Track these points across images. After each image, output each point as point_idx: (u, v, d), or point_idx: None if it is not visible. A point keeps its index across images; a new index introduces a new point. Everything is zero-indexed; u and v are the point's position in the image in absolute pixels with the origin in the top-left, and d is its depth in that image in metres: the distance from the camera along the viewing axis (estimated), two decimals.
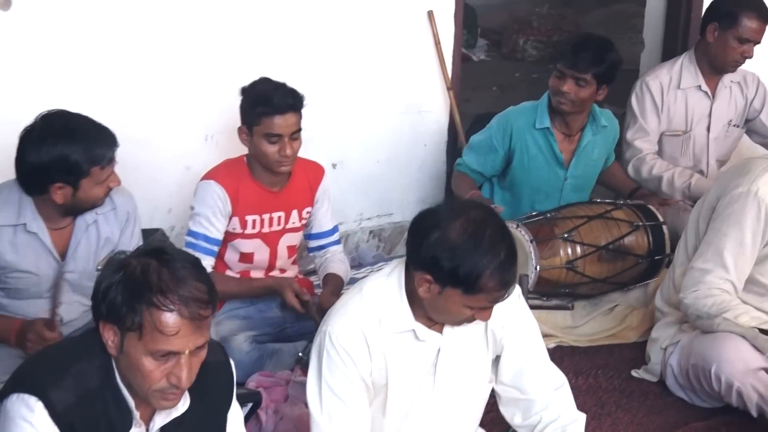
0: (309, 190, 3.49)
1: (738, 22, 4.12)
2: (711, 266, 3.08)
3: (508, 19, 8.70)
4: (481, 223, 2.28)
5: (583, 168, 3.97)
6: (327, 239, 3.58)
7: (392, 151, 4.42)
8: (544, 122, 3.85)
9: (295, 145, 3.28)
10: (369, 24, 4.21)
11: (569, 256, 3.70)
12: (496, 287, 2.26)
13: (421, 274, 2.30)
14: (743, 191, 3.06)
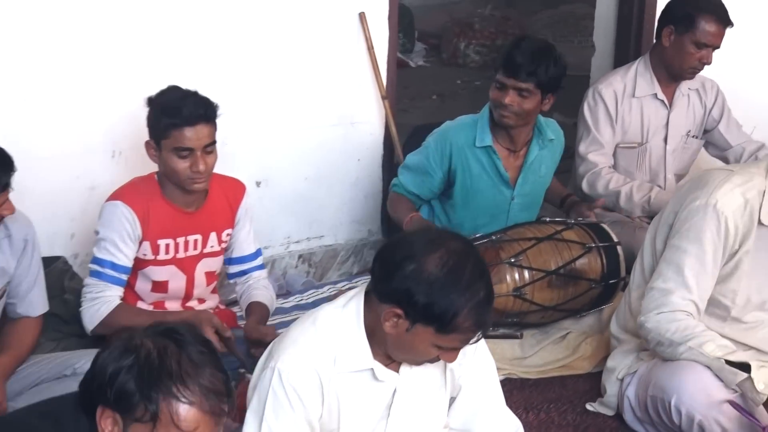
0: (229, 210, 3.46)
1: (695, 25, 4.14)
2: (672, 286, 3.09)
3: (448, 22, 8.73)
4: (461, 257, 2.28)
5: (531, 185, 3.97)
6: (249, 264, 3.55)
7: (322, 167, 4.42)
8: (486, 140, 3.84)
9: (209, 159, 3.23)
10: (294, 27, 4.21)
11: (516, 282, 3.70)
12: (471, 327, 2.26)
13: (389, 307, 2.29)
14: (701, 204, 3.08)
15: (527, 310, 3.74)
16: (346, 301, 2.41)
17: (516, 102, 3.71)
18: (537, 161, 3.94)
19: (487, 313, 2.27)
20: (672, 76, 4.33)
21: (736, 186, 3.09)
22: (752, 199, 3.08)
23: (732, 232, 3.07)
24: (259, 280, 3.55)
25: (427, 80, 7.88)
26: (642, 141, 4.39)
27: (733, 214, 3.07)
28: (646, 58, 4.39)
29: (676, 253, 3.09)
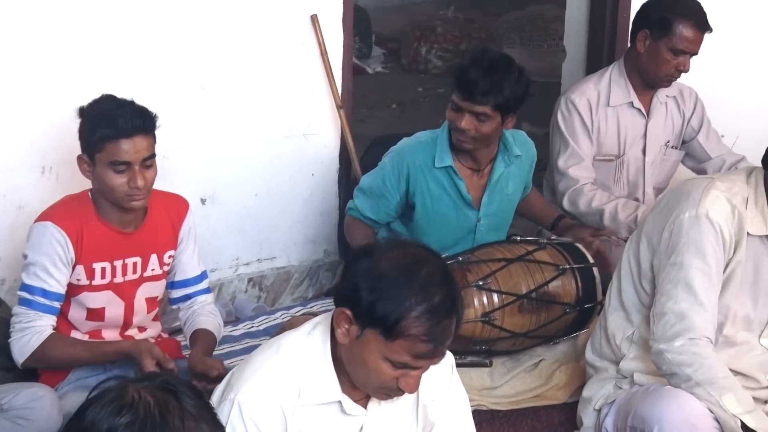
0: (171, 230, 3.44)
1: (672, 30, 4.16)
2: (686, 307, 3.08)
3: (408, 25, 8.75)
4: (419, 258, 2.27)
5: (498, 205, 3.97)
6: (194, 287, 3.53)
7: (273, 183, 4.41)
8: (445, 160, 3.83)
9: (148, 174, 3.20)
10: (241, 30, 4.20)
11: (485, 307, 3.69)
12: (421, 336, 2.21)
13: (341, 309, 2.28)
14: (691, 216, 3.09)
15: (497, 336, 3.73)
16: (311, 327, 2.39)
17: (473, 126, 3.69)
18: (503, 179, 3.93)
19: (440, 324, 2.21)
20: (647, 83, 4.36)
21: (722, 192, 3.12)
22: (739, 206, 3.11)
23: (728, 241, 3.10)
24: (205, 305, 3.52)
25: (385, 88, 7.89)
26: (619, 153, 4.41)
27: (725, 222, 3.09)
28: (620, 63, 4.42)
29: (680, 271, 3.09)
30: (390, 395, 2.35)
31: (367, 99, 7.13)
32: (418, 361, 2.25)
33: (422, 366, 2.27)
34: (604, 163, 4.41)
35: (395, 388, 2.30)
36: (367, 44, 8.46)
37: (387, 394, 2.34)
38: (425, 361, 2.26)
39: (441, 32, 8.63)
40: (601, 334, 3.41)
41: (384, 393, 2.34)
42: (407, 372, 2.27)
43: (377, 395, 2.37)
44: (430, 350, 2.23)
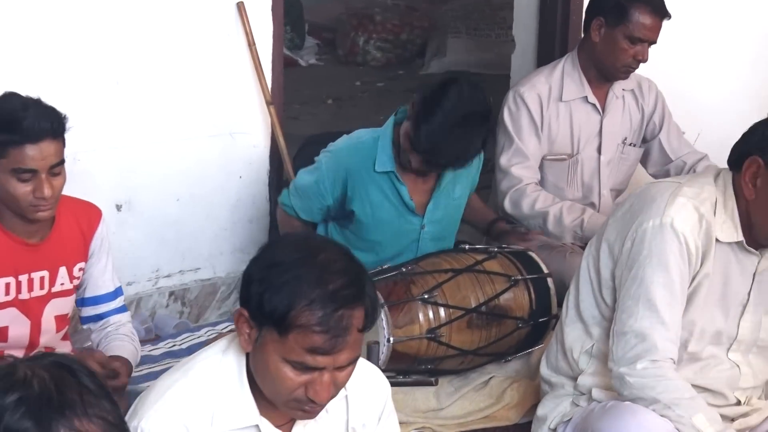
0: (81, 240, 3.40)
1: (628, 17, 4.18)
2: (647, 325, 3.08)
3: (344, 13, 8.79)
4: (319, 247, 2.26)
5: (444, 211, 3.97)
6: (107, 305, 3.49)
7: (197, 187, 4.40)
8: (386, 164, 3.84)
9: (55, 182, 3.16)
10: (159, 20, 4.18)
11: (431, 322, 3.69)
12: (312, 326, 2.16)
13: (239, 310, 2.27)
14: (654, 225, 3.08)
15: (443, 354, 3.74)
16: (227, 343, 2.35)
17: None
18: (450, 183, 3.95)
19: (338, 314, 2.16)
20: (603, 75, 4.37)
21: (689, 199, 3.11)
22: (707, 214, 3.10)
23: (693, 253, 3.09)
24: (120, 326, 3.48)
25: (320, 82, 7.92)
26: (572, 152, 4.42)
27: (691, 232, 3.08)
28: (574, 55, 4.43)
29: (641, 285, 3.09)
30: (305, 411, 2.29)
31: (300, 94, 7.14)
32: (316, 358, 2.19)
33: (324, 366, 2.21)
34: (556, 162, 4.42)
35: (306, 400, 2.25)
36: (300, 34, 8.47)
37: (300, 408, 2.29)
38: (324, 358, 2.20)
39: (380, 21, 8.67)
40: (557, 348, 3.42)
41: (297, 408, 2.29)
42: (313, 378, 2.22)
43: (292, 412, 2.32)
44: (326, 343, 2.18)
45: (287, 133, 4.47)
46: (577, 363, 3.31)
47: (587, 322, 3.30)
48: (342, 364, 2.21)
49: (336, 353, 2.19)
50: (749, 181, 3.05)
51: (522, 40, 5.33)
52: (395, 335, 3.62)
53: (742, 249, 3.14)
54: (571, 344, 3.31)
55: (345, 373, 2.25)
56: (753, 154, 3.04)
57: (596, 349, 3.27)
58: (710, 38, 5.39)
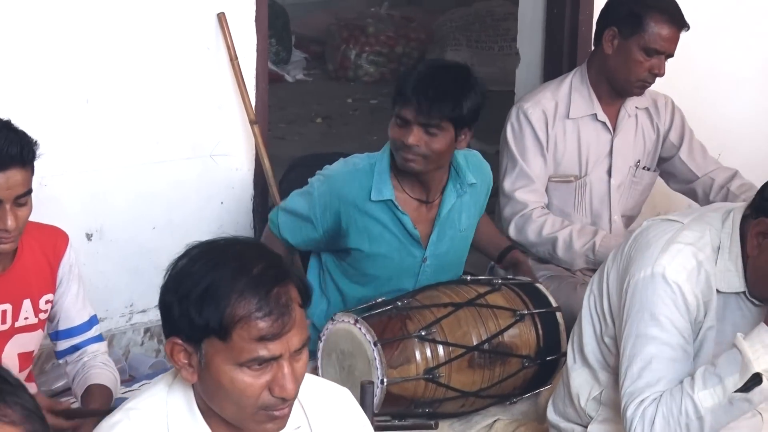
0: (47, 269, 3.41)
1: (643, 27, 4.19)
2: (642, 386, 3.05)
3: (334, 24, 8.81)
4: (221, 245, 2.28)
5: (449, 243, 3.95)
6: (82, 336, 3.51)
7: (174, 213, 4.41)
8: (385, 192, 3.81)
9: (21, 213, 3.18)
10: (134, 32, 4.20)
11: (428, 362, 3.66)
12: (253, 313, 2.18)
13: (170, 340, 2.27)
14: (646, 275, 3.07)
15: (443, 396, 3.71)
16: (171, 379, 2.36)
17: (423, 141, 3.68)
18: (455, 212, 3.92)
19: (272, 294, 2.19)
20: (616, 91, 4.37)
21: (686, 245, 3.09)
22: (706, 261, 3.08)
23: (693, 302, 3.06)
24: (97, 355, 3.50)
25: (308, 99, 7.92)
26: (580, 174, 4.42)
27: (687, 281, 3.06)
28: (583, 69, 4.43)
29: (635, 345, 3.08)
30: (276, 417, 2.29)
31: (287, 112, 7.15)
32: (268, 347, 2.20)
33: (280, 354, 2.22)
34: (562, 184, 4.42)
35: (274, 402, 2.25)
36: (286, 47, 8.49)
37: (271, 416, 2.29)
38: (276, 345, 2.21)
39: (373, 33, 8.68)
40: (564, 392, 3.41)
41: (267, 417, 2.29)
42: (274, 374, 2.23)
43: (262, 427, 2.31)
44: (272, 326, 2.19)
45: (273, 155, 4.47)
46: (584, 411, 3.31)
47: (593, 366, 3.30)
48: (296, 347, 2.23)
49: (286, 335, 2.21)
50: (755, 236, 3.03)
51: (527, 54, 5.35)
52: (390, 376, 3.59)
53: (746, 298, 3.11)
54: (578, 390, 3.31)
55: (302, 362, 2.26)
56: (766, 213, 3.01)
57: (605, 396, 3.27)
58: (730, 52, 5.42)
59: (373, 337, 3.59)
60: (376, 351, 3.58)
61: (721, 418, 2.94)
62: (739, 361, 2.90)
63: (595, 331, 3.28)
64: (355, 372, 3.60)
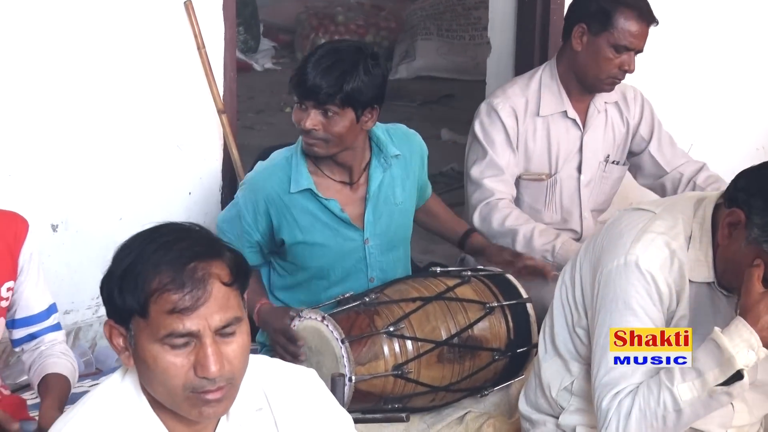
0: (8, 256, 3.35)
1: (613, 23, 4.18)
2: (618, 376, 3.07)
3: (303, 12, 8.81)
4: (156, 227, 2.30)
5: (388, 219, 3.91)
6: (40, 324, 3.44)
7: (141, 204, 4.41)
8: (302, 182, 3.80)
9: None
10: (98, 20, 4.19)
11: (397, 357, 3.66)
12: (167, 286, 2.19)
13: (106, 324, 2.30)
14: (619, 265, 3.08)
15: (412, 392, 3.71)
16: (125, 369, 2.36)
17: (321, 125, 3.68)
18: (386, 187, 3.90)
19: (188, 267, 2.20)
20: (585, 87, 4.36)
21: (659, 235, 3.10)
22: (678, 250, 3.09)
23: (665, 292, 3.07)
24: (55, 344, 3.44)
25: (278, 88, 7.92)
26: (551, 171, 4.43)
27: (660, 270, 3.07)
28: (552, 64, 4.42)
29: (608, 335, 3.08)
30: (207, 399, 2.27)
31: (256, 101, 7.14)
32: (183, 321, 2.20)
33: (198, 329, 2.21)
34: (533, 183, 4.43)
35: (199, 382, 2.24)
36: (254, 35, 8.48)
37: (202, 399, 2.27)
38: (192, 319, 2.20)
39: (343, 21, 8.68)
40: (535, 383, 3.42)
41: (198, 401, 2.27)
42: (197, 354, 2.23)
43: (196, 410, 2.29)
44: (185, 299, 2.19)
45: (241, 145, 4.48)
46: (556, 401, 3.32)
47: (565, 357, 3.31)
48: (218, 326, 2.21)
49: (201, 309, 2.20)
50: (726, 226, 3.03)
51: (498, 43, 5.35)
52: (358, 373, 3.59)
53: (717, 288, 3.12)
54: (549, 381, 3.32)
55: (234, 345, 2.25)
56: (740, 205, 3.00)
57: (576, 387, 3.28)
58: (700, 43, 5.45)
59: (341, 335, 3.59)
60: (343, 348, 3.57)
61: (699, 411, 2.95)
62: (718, 355, 2.91)
63: (567, 322, 3.29)
64: (323, 369, 3.57)
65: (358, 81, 3.64)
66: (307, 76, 3.63)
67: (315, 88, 3.62)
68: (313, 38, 8.48)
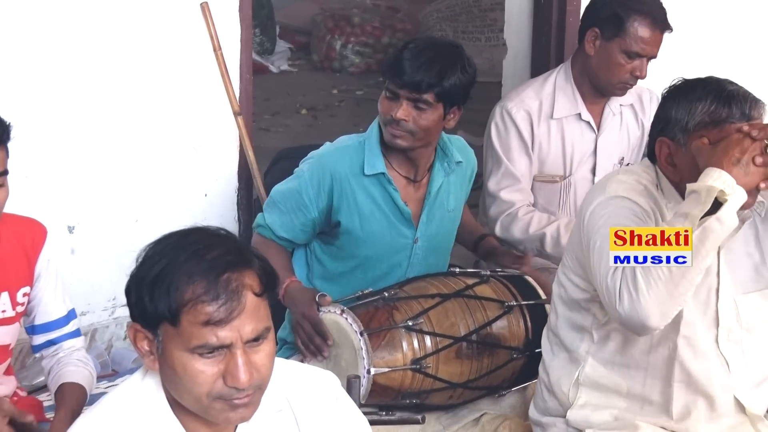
0: (25, 261, 3.38)
1: (625, 29, 4.19)
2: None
3: (319, 14, 8.82)
4: (186, 231, 2.33)
5: (439, 223, 3.95)
6: (59, 331, 3.47)
7: (157, 206, 4.41)
8: (377, 165, 3.81)
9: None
10: (116, 23, 4.20)
11: (415, 352, 3.66)
12: (201, 298, 2.20)
13: (131, 326, 2.31)
14: (601, 201, 3.16)
15: (430, 387, 3.71)
16: (146, 369, 2.38)
17: (411, 116, 3.70)
18: (443, 191, 3.93)
19: (222, 279, 2.21)
20: (599, 91, 4.38)
21: (629, 175, 3.22)
22: (650, 186, 3.20)
23: (649, 211, 3.15)
24: (73, 351, 3.47)
25: (294, 90, 7.93)
26: (565, 173, 4.44)
27: (639, 196, 3.16)
28: (567, 67, 4.43)
29: (603, 248, 3.10)
30: (234, 405, 2.29)
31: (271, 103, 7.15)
32: (217, 333, 2.21)
33: (230, 342, 2.23)
34: (547, 184, 4.44)
35: (228, 391, 2.26)
36: (270, 37, 8.48)
37: (229, 405, 2.29)
38: (226, 331, 2.22)
39: (359, 23, 8.69)
40: (542, 389, 3.46)
41: (225, 407, 2.29)
42: (227, 363, 2.24)
43: (223, 415, 2.32)
44: (219, 310, 2.21)
45: (257, 147, 4.48)
46: (567, 397, 3.34)
47: (570, 348, 3.34)
48: (249, 337, 2.23)
49: (235, 321, 2.21)
50: (668, 165, 3.14)
51: (514, 45, 5.35)
52: (376, 366, 3.60)
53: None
54: (559, 378, 3.35)
55: (262, 354, 2.27)
56: (658, 135, 3.14)
57: (583, 376, 3.31)
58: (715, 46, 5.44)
59: (360, 327, 3.59)
60: (362, 341, 3.58)
61: (698, 250, 2.95)
62: (695, 195, 2.96)
63: (565, 314, 3.34)
64: (342, 362, 3.60)
65: (456, 78, 3.68)
66: (406, 66, 3.65)
67: (415, 79, 3.65)
68: (329, 40, 8.49)
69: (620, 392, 3.27)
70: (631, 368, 3.24)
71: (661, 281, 2.95)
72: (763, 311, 3.27)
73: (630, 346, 3.22)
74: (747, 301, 3.24)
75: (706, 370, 3.21)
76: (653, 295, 2.95)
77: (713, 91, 3.09)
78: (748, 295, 3.24)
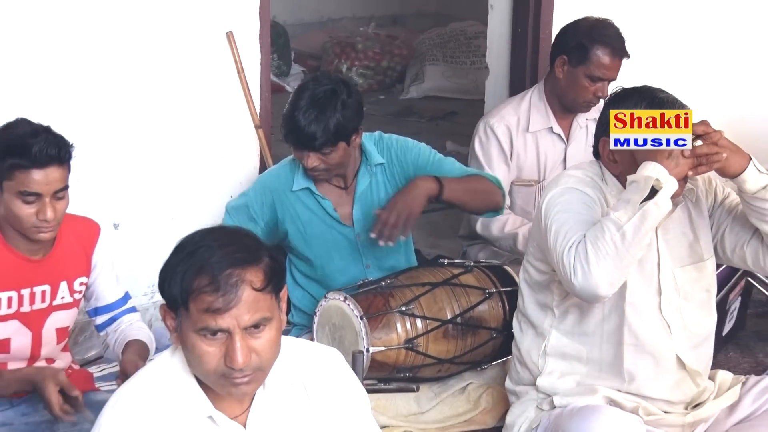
0: (83, 255, 3.40)
1: (589, 57, 4.19)
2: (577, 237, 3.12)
3: (328, 42, 8.78)
4: (217, 228, 2.35)
5: (375, 217, 3.83)
6: (117, 309, 3.51)
7: (190, 206, 4.39)
8: (302, 182, 3.83)
9: (59, 205, 3.16)
10: (153, 49, 4.18)
11: (408, 333, 3.67)
12: (204, 288, 2.20)
13: (162, 306, 2.34)
14: (554, 194, 3.19)
15: (421, 363, 3.72)
16: (176, 346, 2.38)
17: (320, 161, 3.69)
18: (373, 190, 3.90)
19: (225, 273, 2.20)
20: (566, 108, 4.38)
21: (577, 170, 3.27)
22: (597, 179, 3.24)
23: (597, 201, 3.18)
24: (133, 322, 3.51)
25: None
26: (539, 178, 4.43)
27: (590, 187, 3.20)
28: (540, 87, 4.43)
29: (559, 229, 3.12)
30: (236, 383, 2.28)
31: None
32: (216, 319, 2.21)
33: (228, 327, 2.22)
34: (524, 188, 4.43)
35: (229, 371, 2.25)
36: (286, 61, 8.46)
37: (232, 382, 2.28)
38: (224, 318, 2.21)
39: (362, 49, 8.67)
40: (515, 363, 3.46)
41: (228, 384, 2.28)
42: (227, 345, 2.24)
43: (227, 389, 2.31)
44: (217, 301, 2.20)
45: (275, 155, 4.46)
46: (537, 366, 3.35)
47: (536, 324, 3.35)
48: (247, 324, 2.22)
49: (233, 311, 2.21)
50: (610, 161, 3.20)
51: (495, 67, 5.32)
52: (374, 345, 3.61)
53: None
54: (529, 350, 3.37)
55: (263, 339, 2.26)
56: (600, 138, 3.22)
57: (549, 347, 3.32)
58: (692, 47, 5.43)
59: (360, 312, 3.60)
60: (362, 324, 3.60)
61: (638, 228, 2.98)
62: (635, 184, 3.00)
63: (531, 295, 3.36)
64: (345, 342, 3.61)
65: (338, 117, 3.61)
66: (299, 129, 3.60)
67: (309, 140, 3.61)
68: (337, 63, 8.46)
69: (581, 359, 3.28)
70: (589, 336, 3.25)
71: (609, 256, 2.98)
72: (698, 282, 3.30)
73: (586, 318, 3.24)
74: (684, 274, 3.27)
75: (651, 332, 3.23)
76: (602, 268, 2.98)
77: (647, 98, 3.13)
78: (684, 268, 3.27)
